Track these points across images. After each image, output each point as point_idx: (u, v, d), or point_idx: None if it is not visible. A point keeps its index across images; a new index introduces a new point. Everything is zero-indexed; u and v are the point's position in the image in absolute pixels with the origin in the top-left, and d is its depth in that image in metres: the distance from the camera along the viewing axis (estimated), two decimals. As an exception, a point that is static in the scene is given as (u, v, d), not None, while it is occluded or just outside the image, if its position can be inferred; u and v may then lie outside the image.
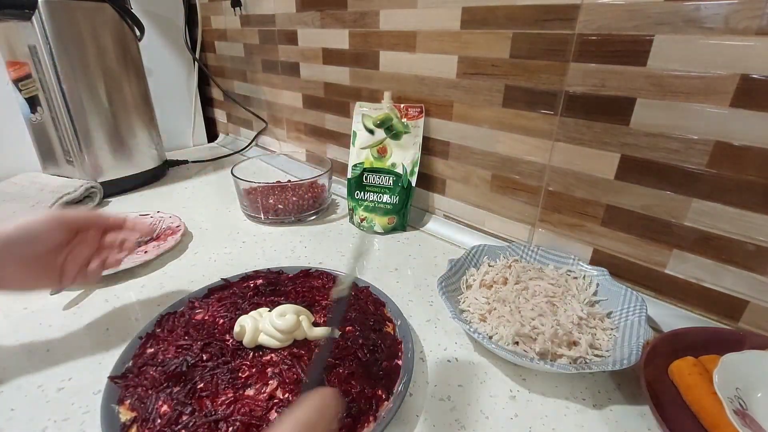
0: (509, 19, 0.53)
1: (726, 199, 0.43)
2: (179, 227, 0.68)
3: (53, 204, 0.71)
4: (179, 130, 1.19)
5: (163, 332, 0.43)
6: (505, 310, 0.46)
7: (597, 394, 0.40)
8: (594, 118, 0.49)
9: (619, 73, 0.46)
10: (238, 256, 0.63)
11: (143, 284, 0.56)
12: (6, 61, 0.77)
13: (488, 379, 0.42)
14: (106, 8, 0.76)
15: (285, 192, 0.72)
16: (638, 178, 0.48)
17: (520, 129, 0.57)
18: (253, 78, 1.05)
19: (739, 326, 0.46)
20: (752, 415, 0.34)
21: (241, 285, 0.51)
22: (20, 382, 0.40)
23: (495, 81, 0.57)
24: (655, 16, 0.42)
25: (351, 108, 0.78)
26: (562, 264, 0.55)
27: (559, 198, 0.56)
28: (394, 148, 0.69)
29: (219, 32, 1.09)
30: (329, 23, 0.77)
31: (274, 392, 0.36)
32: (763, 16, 0.37)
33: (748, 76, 0.39)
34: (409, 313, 0.50)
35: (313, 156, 0.92)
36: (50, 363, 0.42)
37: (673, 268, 0.49)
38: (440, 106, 0.65)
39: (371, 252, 0.37)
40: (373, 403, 0.36)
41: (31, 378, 0.41)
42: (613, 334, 0.44)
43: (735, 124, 0.40)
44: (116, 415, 0.35)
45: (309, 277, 0.53)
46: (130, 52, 0.83)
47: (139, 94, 0.87)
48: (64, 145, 0.79)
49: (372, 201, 0.70)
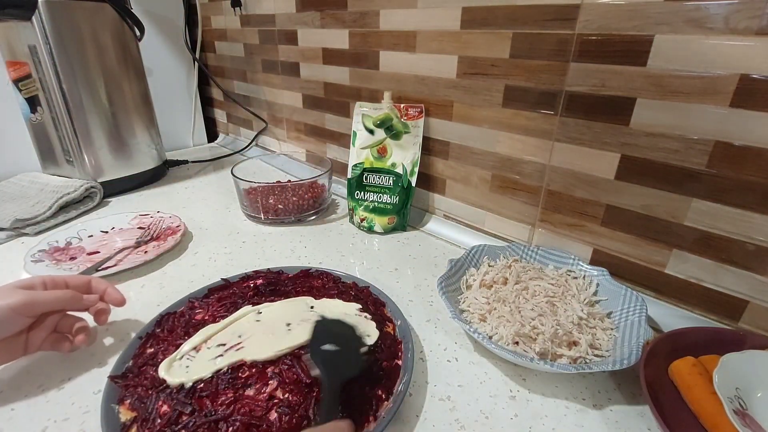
0: (509, 19, 0.53)
1: (726, 199, 0.43)
2: (179, 227, 0.68)
3: (53, 204, 0.71)
4: (179, 130, 1.19)
5: (163, 332, 0.43)
6: (505, 310, 0.46)
7: (597, 394, 0.40)
8: (594, 118, 0.49)
9: (619, 73, 0.46)
10: (238, 256, 0.63)
11: (143, 284, 0.56)
12: (6, 61, 0.76)
13: (488, 379, 0.42)
14: (106, 8, 0.76)
15: (285, 192, 0.72)
16: (638, 178, 0.48)
17: (520, 129, 0.57)
18: (253, 78, 1.05)
19: (739, 326, 0.46)
20: (752, 415, 0.34)
21: (241, 285, 0.51)
22: (20, 382, 0.40)
23: (495, 81, 0.57)
24: (655, 16, 0.42)
25: (351, 108, 0.78)
26: (562, 264, 0.55)
27: (559, 198, 0.56)
28: (394, 148, 0.69)
29: (219, 32, 1.09)
30: (329, 23, 0.77)
31: (274, 392, 0.36)
32: (763, 16, 0.37)
33: (748, 76, 0.39)
34: (409, 313, 0.50)
35: (313, 156, 0.92)
36: (50, 363, 0.42)
37: (673, 268, 0.49)
38: (440, 106, 0.65)
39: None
40: (373, 403, 0.36)
41: (31, 378, 0.41)
42: (613, 334, 0.44)
43: (735, 124, 0.40)
44: (116, 415, 0.35)
45: (309, 277, 0.53)
46: (130, 52, 0.83)
47: (139, 94, 0.87)
48: (64, 145, 0.79)
49: (372, 201, 0.70)
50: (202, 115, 1.23)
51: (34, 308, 0.39)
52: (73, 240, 0.65)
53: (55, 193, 0.74)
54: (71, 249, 0.63)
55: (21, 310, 0.38)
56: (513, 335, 0.42)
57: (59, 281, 0.43)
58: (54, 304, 0.40)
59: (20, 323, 0.38)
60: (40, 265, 0.57)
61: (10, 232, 0.67)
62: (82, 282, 0.44)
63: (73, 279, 0.44)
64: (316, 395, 0.35)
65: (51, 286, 0.42)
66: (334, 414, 0.32)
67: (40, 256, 0.59)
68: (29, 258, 0.57)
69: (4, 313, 0.37)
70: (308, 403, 0.35)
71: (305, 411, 0.34)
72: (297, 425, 0.33)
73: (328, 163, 0.78)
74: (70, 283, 0.43)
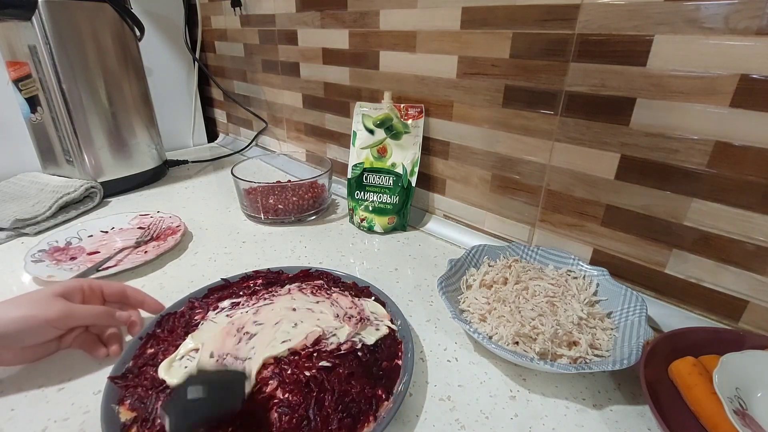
0: (509, 19, 0.53)
1: (726, 199, 0.43)
2: (179, 227, 0.68)
3: (53, 204, 0.71)
4: (179, 130, 1.19)
5: (163, 332, 0.43)
6: (505, 310, 0.46)
7: (597, 394, 0.40)
8: (594, 118, 0.49)
9: (619, 73, 0.46)
10: (238, 256, 0.63)
11: (143, 284, 0.56)
12: (6, 61, 0.76)
13: (488, 379, 0.42)
14: (106, 8, 0.76)
15: (285, 192, 0.72)
16: (638, 178, 0.48)
17: (520, 129, 0.57)
18: (253, 78, 1.05)
19: (739, 326, 0.46)
20: (752, 415, 0.34)
21: (241, 285, 0.51)
22: (20, 382, 0.40)
23: (495, 81, 0.57)
24: (655, 16, 0.42)
25: (351, 108, 0.78)
26: (562, 264, 0.55)
27: (559, 198, 0.56)
28: (394, 148, 0.69)
29: (219, 32, 1.09)
30: (329, 23, 0.77)
31: (274, 392, 0.36)
32: (763, 16, 0.37)
33: (748, 76, 0.39)
34: (409, 313, 0.50)
35: (313, 156, 0.92)
36: (50, 363, 0.42)
37: (673, 268, 0.49)
38: (440, 106, 0.65)
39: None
40: (373, 403, 0.36)
41: (31, 378, 0.41)
42: (613, 334, 0.44)
43: (735, 124, 0.40)
44: (116, 415, 0.35)
45: (309, 277, 0.53)
46: (130, 52, 0.83)
47: (139, 94, 0.87)
48: (64, 145, 0.79)
49: (372, 201, 0.70)
50: (202, 115, 1.23)
51: (69, 323, 0.40)
52: (73, 240, 0.65)
53: (55, 193, 0.74)
54: (71, 249, 0.63)
55: (57, 323, 0.39)
56: (513, 335, 0.42)
57: (96, 289, 0.44)
58: (89, 320, 0.42)
59: (56, 333, 0.40)
60: (40, 265, 0.57)
61: (10, 232, 0.67)
62: (117, 291, 0.46)
63: (110, 287, 0.45)
64: (316, 395, 0.35)
65: (88, 294, 0.43)
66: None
67: (40, 256, 0.59)
68: (29, 258, 0.57)
69: (41, 325, 0.38)
70: (308, 403, 0.35)
71: (305, 411, 0.34)
72: (297, 425, 0.33)
73: (328, 163, 0.78)
74: (106, 291, 0.45)
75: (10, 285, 0.55)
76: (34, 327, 0.38)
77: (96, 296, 0.44)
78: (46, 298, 0.39)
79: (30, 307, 0.38)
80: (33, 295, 0.40)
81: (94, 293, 0.44)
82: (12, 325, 0.37)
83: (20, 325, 0.37)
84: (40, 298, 0.39)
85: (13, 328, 0.37)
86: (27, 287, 0.55)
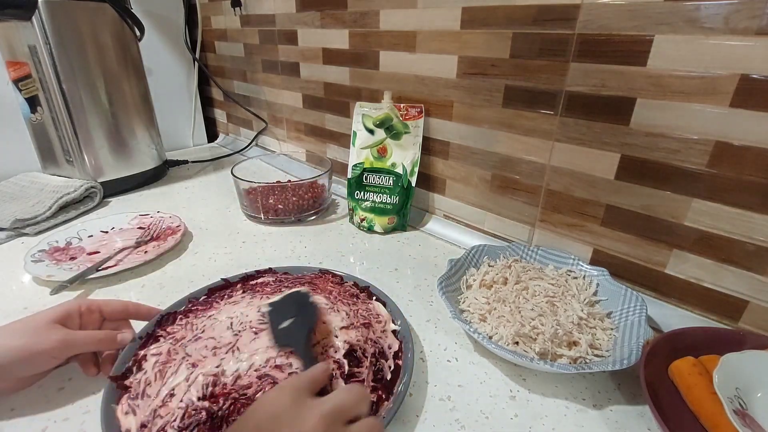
0: (509, 19, 0.53)
1: (726, 199, 0.43)
2: (179, 227, 0.68)
3: (53, 204, 0.71)
4: (179, 130, 1.19)
5: (163, 332, 0.43)
6: (505, 310, 0.46)
7: (597, 394, 0.40)
8: (594, 118, 0.49)
9: (619, 73, 0.46)
10: (238, 256, 0.63)
11: (143, 284, 0.56)
12: (6, 61, 0.76)
13: (488, 379, 0.42)
14: (106, 8, 0.76)
15: (285, 192, 0.72)
16: (638, 178, 0.48)
17: (520, 129, 0.57)
18: (253, 78, 1.05)
19: (739, 326, 0.46)
20: (752, 415, 0.34)
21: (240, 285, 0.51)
22: (20, 382, 0.40)
23: (495, 81, 0.57)
24: (655, 16, 0.42)
25: (351, 108, 0.78)
26: (562, 264, 0.55)
27: (559, 198, 0.56)
28: (394, 148, 0.69)
29: (219, 32, 1.09)
30: (329, 23, 0.77)
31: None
32: (763, 16, 0.37)
33: (748, 76, 0.39)
34: (409, 313, 0.50)
35: (313, 156, 0.92)
36: (50, 363, 0.42)
37: (673, 268, 0.49)
38: (440, 106, 0.65)
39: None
40: (373, 403, 0.36)
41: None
42: (613, 334, 0.44)
43: (735, 124, 0.40)
44: (116, 415, 0.35)
45: (309, 277, 0.53)
46: (130, 52, 0.83)
47: (139, 94, 0.87)
48: (64, 145, 0.79)
49: (372, 201, 0.70)
50: (202, 115, 1.23)
51: (68, 352, 0.39)
52: (73, 240, 0.65)
53: (55, 193, 0.74)
54: (71, 249, 0.63)
55: (57, 354, 0.38)
56: (513, 335, 0.42)
57: (94, 309, 0.42)
58: (89, 348, 0.40)
59: (54, 363, 0.38)
60: (40, 265, 0.57)
61: (10, 232, 0.67)
62: (118, 309, 0.43)
63: (109, 305, 0.43)
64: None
65: (86, 315, 0.41)
66: (312, 361, 0.35)
67: (40, 256, 0.59)
68: (29, 258, 0.57)
69: (39, 357, 0.37)
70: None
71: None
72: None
73: (328, 163, 0.78)
74: (106, 309, 0.42)
75: (10, 285, 0.55)
76: (32, 358, 0.36)
77: (94, 316, 0.42)
78: (44, 326, 0.37)
79: (27, 338, 0.36)
80: (30, 323, 0.38)
81: (92, 314, 0.42)
82: (8, 357, 0.35)
83: (17, 356, 0.36)
84: (38, 326, 0.37)
85: (9, 360, 0.35)
86: (27, 287, 0.55)
